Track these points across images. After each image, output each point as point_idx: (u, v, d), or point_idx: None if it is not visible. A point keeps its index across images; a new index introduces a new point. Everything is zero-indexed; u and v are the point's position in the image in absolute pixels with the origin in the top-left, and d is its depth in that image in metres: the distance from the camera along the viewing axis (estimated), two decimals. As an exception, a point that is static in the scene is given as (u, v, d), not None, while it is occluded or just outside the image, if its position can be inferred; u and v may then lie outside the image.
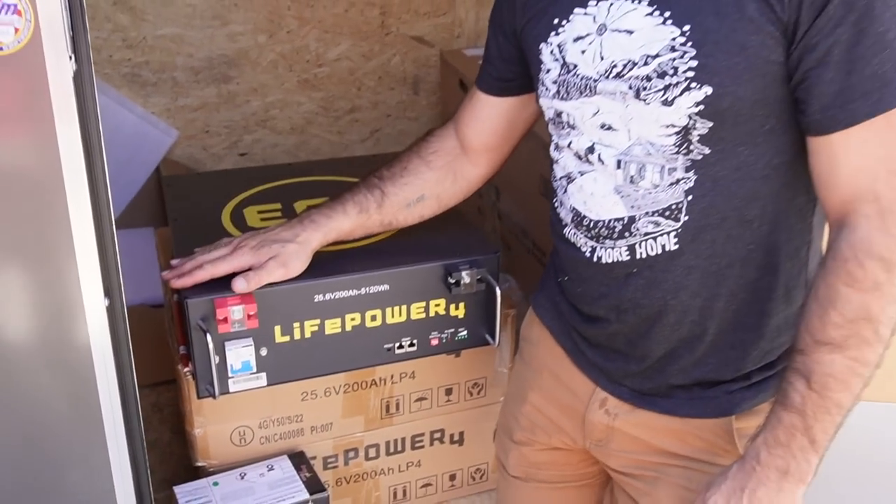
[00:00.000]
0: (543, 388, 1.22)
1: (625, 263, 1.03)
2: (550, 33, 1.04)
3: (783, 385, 0.96)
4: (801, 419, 0.94)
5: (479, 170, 1.27)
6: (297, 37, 2.66)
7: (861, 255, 0.90)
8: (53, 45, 0.87)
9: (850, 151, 0.90)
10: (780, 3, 0.87)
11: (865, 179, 0.90)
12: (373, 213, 1.23)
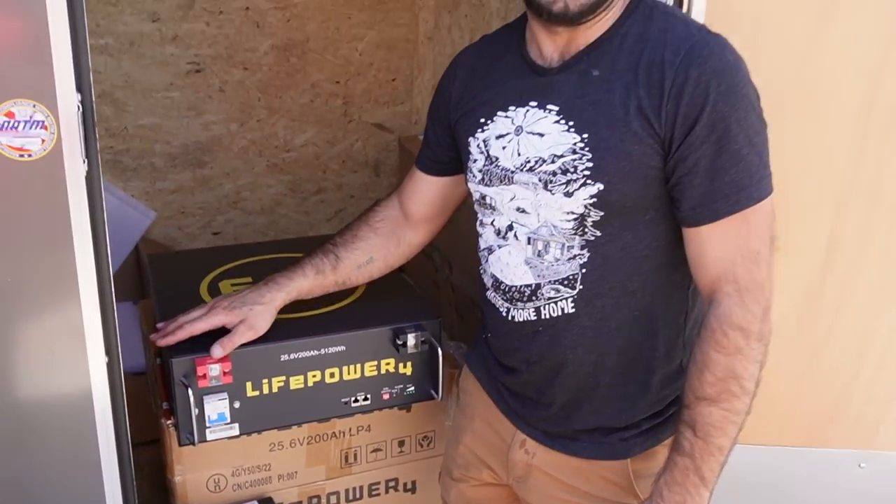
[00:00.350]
0: (475, 431, 1.43)
1: (532, 322, 1.26)
2: (477, 130, 1.29)
3: (676, 434, 1.19)
4: (692, 461, 1.16)
5: (419, 236, 1.50)
6: (266, 125, 2.93)
7: (725, 326, 1.14)
8: (71, 152, 1.11)
9: (714, 241, 1.15)
10: (659, 122, 1.12)
11: (726, 264, 1.14)
12: (328, 274, 1.45)
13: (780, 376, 1.56)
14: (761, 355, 1.15)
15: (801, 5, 1.34)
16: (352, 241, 1.47)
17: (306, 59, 2.91)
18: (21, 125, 1.07)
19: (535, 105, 1.21)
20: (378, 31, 2.98)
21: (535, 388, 1.31)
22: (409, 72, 3.09)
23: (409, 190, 1.47)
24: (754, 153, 1.12)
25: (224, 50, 2.79)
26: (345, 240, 1.47)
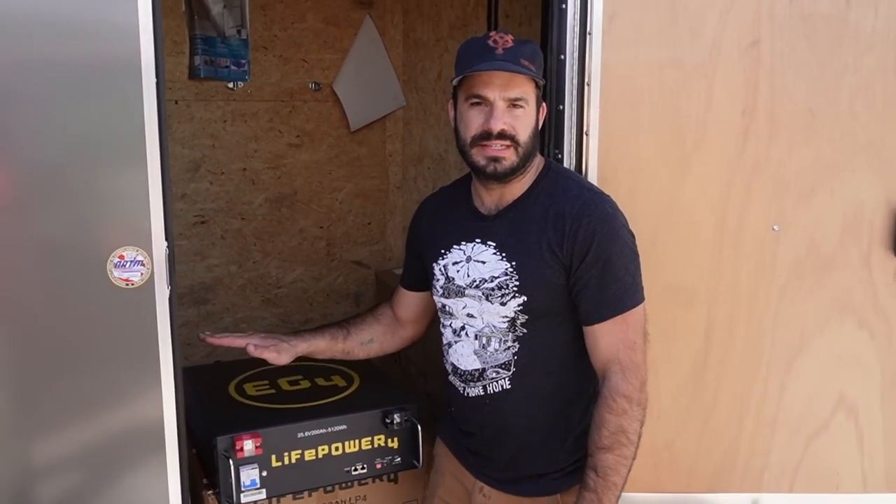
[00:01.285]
0: (446, 484, 1.91)
1: (481, 397, 1.76)
2: (439, 258, 1.83)
3: (583, 476, 1.67)
4: (595, 495, 1.65)
5: (408, 333, 2.02)
6: (261, 266, 3.48)
7: (614, 395, 1.65)
8: (160, 280, 1.63)
9: (603, 335, 1.68)
10: (562, 253, 1.66)
11: (613, 351, 1.67)
12: (339, 342, 1.96)
13: (683, 436, 2.08)
14: (641, 415, 1.66)
15: (663, 162, 1.94)
16: (360, 324, 1.99)
17: (294, 209, 3.50)
18: (128, 264, 1.60)
19: (479, 241, 1.76)
20: (355, 183, 3.60)
21: (487, 446, 1.80)
22: (382, 216, 3.69)
23: (397, 302, 2.01)
24: (628, 275, 1.67)
25: (225, 204, 3.37)
26: (355, 321, 2.00)
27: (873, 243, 2.00)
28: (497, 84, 1.63)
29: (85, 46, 1.52)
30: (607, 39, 1.90)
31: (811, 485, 2.10)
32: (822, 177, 1.97)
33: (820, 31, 1.91)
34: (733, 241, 1.99)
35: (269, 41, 3.33)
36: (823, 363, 2.05)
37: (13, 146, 1.52)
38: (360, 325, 2.00)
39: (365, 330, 2.00)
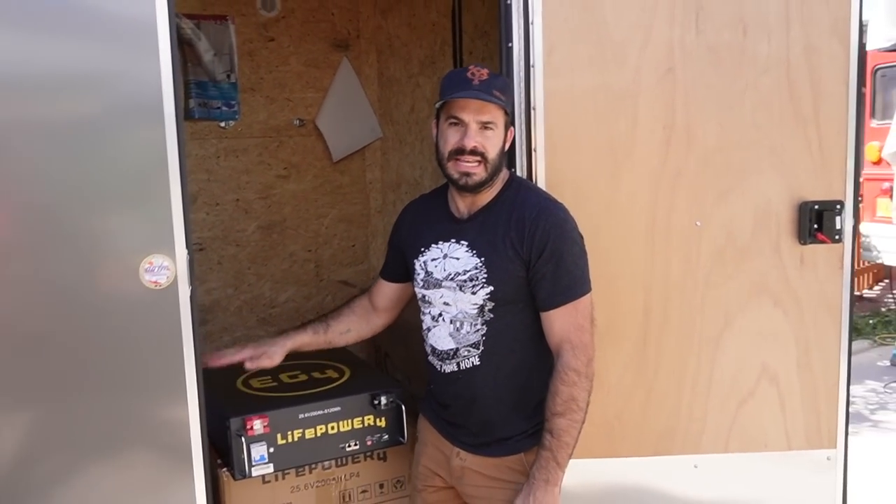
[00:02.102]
0: (428, 453, 2.27)
1: (455, 372, 2.13)
2: (419, 255, 2.19)
3: (541, 437, 2.04)
4: (551, 453, 2.02)
5: (380, 321, 2.38)
6: (255, 288, 3.85)
7: (566, 369, 2.03)
8: (182, 281, 2.01)
9: (556, 320, 2.05)
10: (522, 251, 2.03)
11: (565, 333, 2.04)
12: (321, 335, 2.32)
13: (630, 408, 2.45)
14: (589, 386, 2.04)
15: (600, 172, 2.32)
16: (338, 316, 2.36)
17: (285, 235, 3.88)
18: (156, 269, 1.98)
19: (454, 241, 2.13)
20: (339, 209, 3.99)
21: (461, 416, 2.17)
22: (364, 239, 4.08)
23: (375, 291, 2.38)
24: (578, 269, 2.06)
25: (221, 232, 3.75)
26: (333, 315, 2.36)
27: (781, 234, 2.40)
28: (471, 109, 2.02)
29: (121, 91, 1.92)
30: (547, 70, 2.30)
31: (743, 445, 2.48)
32: (734, 179, 2.37)
33: (723, 57, 2.33)
34: (663, 236, 2.38)
35: (256, 83, 3.73)
36: (746, 338, 2.43)
37: (67, 177, 1.90)
38: (337, 318, 2.36)
39: (342, 321, 2.35)
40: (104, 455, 2.03)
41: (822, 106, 2.37)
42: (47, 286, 1.93)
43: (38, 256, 1.91)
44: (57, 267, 1.92)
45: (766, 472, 2.49)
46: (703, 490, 2.49)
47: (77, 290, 1.94)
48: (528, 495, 2.01)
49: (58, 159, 1.90)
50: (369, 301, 2.39)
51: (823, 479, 2.51)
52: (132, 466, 2.05)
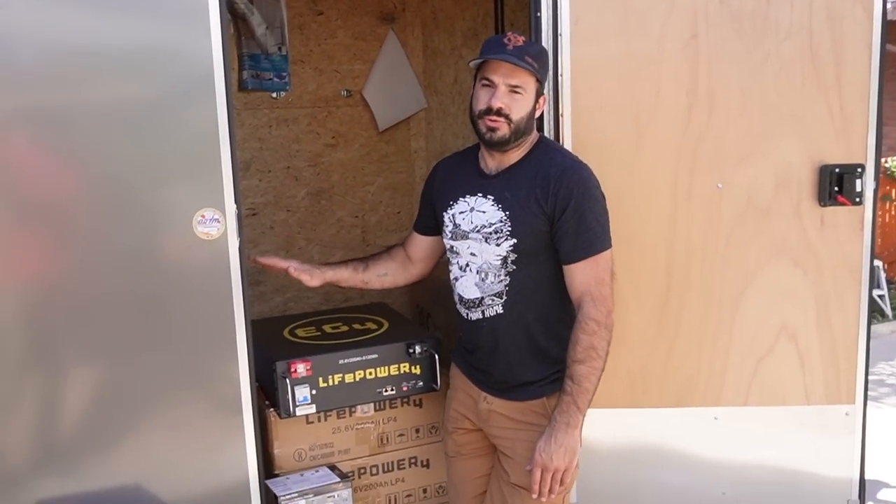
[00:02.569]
0: (458, 398, 2.44)
1: (480, 320, 2.30)
2: (448, 208, 2.35)
3: (562, 383, 2.20)
4: (571, 398, 2.17)
5: (416, 270, 2.55)
6: (305, 251, 4.06)
7: (586, 319, 2.17)
8: (232, 234, 2.21)
9: (578, 273, 2.20)
10: (546, 206, 2.19)
11: (585, 285, 2.19)
12: (359, 273, 2.50)
13: (652, 362, 2.59)
14: (608, 336, 2.17)
15: (624, 136, 2.46)
16: (377, 259, 2.54)
17: (333, 201, 4.08)
18: (208, 221, 2.18)
19: (481, 195, 2.29)
20: (384, 177, 4.18)
21: (486, 361, 2.33)
22: (409, 206, 4.25)
23: (408, 243, 2.55)
24: (599, 225, 2.20)
25: (272, 198, 3.96)
26: (373, 257, 2.54)
27: (802, 196, 2.51)
28: (502, 72, 2.16)
29: (177, 66, 2.13)
30: (574, 39, 2.44)
31: (762, 399, 2.60)
32: (755, 143, 2.49)
33: (746, 25, 2.44)
34: (685, 198, 2.51)
35: (306, 55, 3.93)
36: (766, 297, 2.56)
37: (130, 145, 2.12)
38: (377, 260, 2.54)
39: (381, 264, 2.53)
40: (163, 398, 2.25)
41: (845, 72, 2.47)
42: (110, 246, 2.14)
43: (102, 218, 2.13)
44: (120, 226, 2.14)
45: (784, 425, 2.62)
46: (723, 441, 2.63)
47: (138, 247, 2.16)
48: (550, 437, 2.16)
49: (121, 129, 2.11)
50: (404, 251, 2.56)
51: (842, 433, 2.63)
52: (189, 407, 2.28)
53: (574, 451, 2.15)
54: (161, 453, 2.25)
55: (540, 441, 2.17)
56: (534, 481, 2.16)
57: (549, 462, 2.13)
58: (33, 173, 2.06)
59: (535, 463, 2.15)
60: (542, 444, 2.16)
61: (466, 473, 2.46)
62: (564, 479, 2.15)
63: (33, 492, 2.16)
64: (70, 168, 2.10)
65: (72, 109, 2.07)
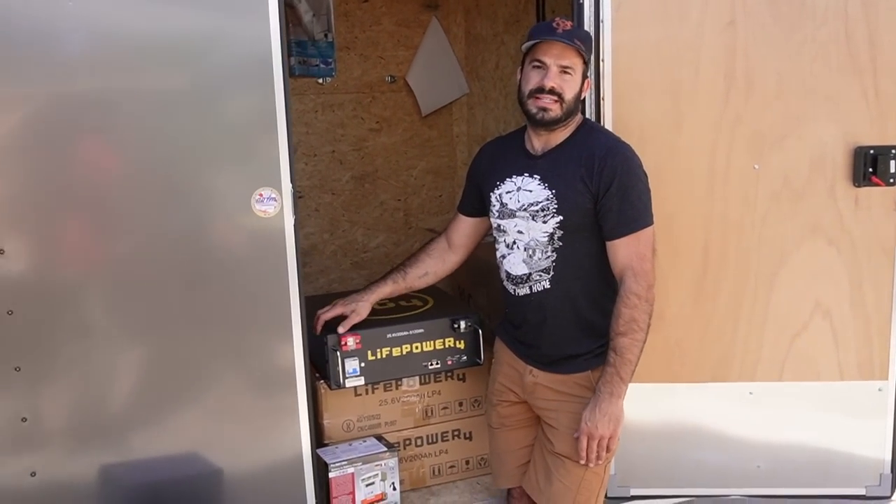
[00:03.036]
0: (503, 372, 2.56)
1: (527, 296, 2.41)
2: (495, 188, 2.46)
3: (606, 355, 2.31)
4: (615, 369, 2.28)
5: (456, 257, 2.66)
6: (349, 233, 4.21)
7: (628, 293, 2.28)
8: (288, 212, 2.35)
9: (620, 249, 2.31)
10: (591, 185, 2.29)
11: (628, 260, 2.30)
12: (400, 283, 2.62)
13: (689, 337, 2.69)
14: (649, 310, 2.27)
15: (663, 118, 2.56)
16: (414, 262, 2.65)
17: (376, 185, 4.22)
18: (265, 200, 2.33)
19: (527, 175, 2.39)
20: (427, 161, 4.30)
21: (532, 335, 2.45)
22: (451, 189, 4.38)
23: (452, 227, 2.67)
24: (641, 203, 2.30)
25: (318, 181, 4.11)
26: (410, 262, 2.66)
27: (836, 177, 2.59)
28: (553, 53, 2.27)
29: (238, 49, 2.27)
30: (615, 24, 2.54)
31: (797, 374, 2.69)
32: (790, 125, 2.57)
33: (783, 11, 2.52)
34: (722, 178, 2.60)
35: (351, 42, 4.06)
36: (801, 275, 2.64)
37: (197, 126, 2.26)
38: (414, 264, 2.65)
39: (419, 266, 2.64)
40: (222, 371, 2.40)
41: (879, 56, 2.54)
42: (175, 225, 2.29)
43: (167, 198, 2.27)
44: (184, 206, 2.29)
45: (818, 400, 2.71)
46: (758, 415, 2.73)
47: (201, 226, 2.31)
48: (595, 406, 2.27)
49: (186, 113, 2.26)
50: (445, 239, 2.67)
51: (875, 409, 2.71)
52: (246, 379, 2.42)
53: (618, 420, 2.26)
54: (221, 422, 2.41)
55: (586, 411, 2.28)
56: (580, 448, 2.28)
57: (594, 430, 2.24)
58: (103, 158, 2.22)
59: (582, 431, 2.26)
60: (588, 413, 2.27)
61: (510, 444, 2.58)
62: (610, 446, 2.27)
63: (98, 456, 2.32)
64: (138, 151, 2.24)
65: (141, 96, 2.22)
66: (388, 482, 2.69)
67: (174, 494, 2.41)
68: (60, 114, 2.16)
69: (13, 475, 2.24)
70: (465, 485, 2.93)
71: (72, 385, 2.27)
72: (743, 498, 2.79)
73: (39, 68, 2.12)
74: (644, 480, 2.79)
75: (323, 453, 2.65)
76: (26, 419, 2.22)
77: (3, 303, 2.16)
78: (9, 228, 2.16)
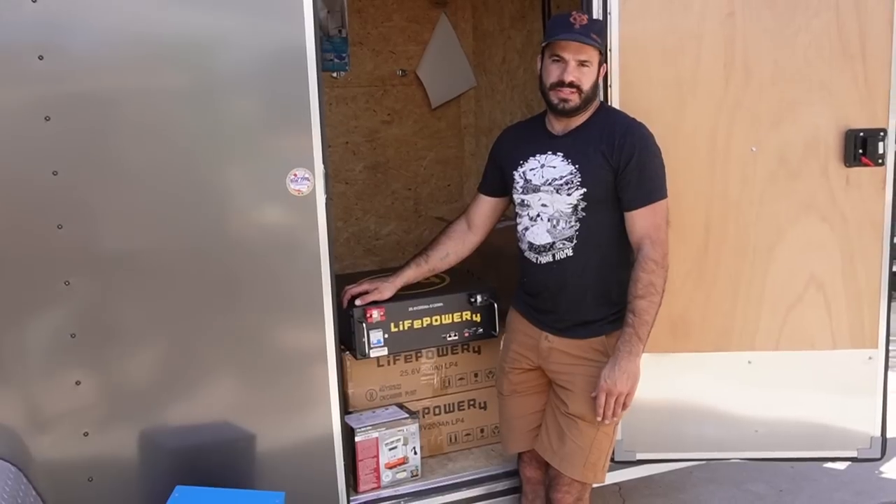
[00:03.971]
0: (517, 340, 2.74)
1: (550, 264, 2.58)
2: (518, 167, 2.62)
3: (625, 317, 2.49)
4: (633, 329, 2.47)
5: (475, 238, 2.84)
6: (362, 221, 4.38)
7: (645, 259, 2.47)
8: (320, 191, 2.53)
9: (638, 219, 2.50)
10: (611, 160, 2.47)
11: (645, 230, 2.49)
12: (423, 266, 2.81)
13: (692, 309, 2.88)
14: (664, 275, 2.47)
15: (667, 104, 2.74)
16: (435, 246, 2.84)
17: (388, 174, 4.40)
18: (299, 180, 2.50)
19: (550, 153, 2.56)
20: (436, 152, 4.48)
21: (550, 302, 2.62)
22: (459, 179, 4.56)
23: (473, 207, 2.84)
24: (657, 177, 2.50)
25: (332, 171, 4.21)
26: (432, 245, 2.85)
27: (829, 158, 2.78)
28: (571, 49, 2.45)
29: (276, 45, 2.45)
30: (623, 16, 2.72)
31: (792, 344, 2.88)
32: (786, 110, 2.76)
33: (779, 2, 2.71)
34: (722, 159, 2.79)
35: (364, 37, 4.24)
36: (796, 250, 2.83)
37: (236, 109, 2.45)
38: (435, 247, 2.83)
39: (440, 249, 2.83)
40: (261, 340, 2.57)
41: (868, 44, 2.73)
42: (217, 205, 2.47)
43: (210, 177, 2.45)
44: (226, 185, 2.47)
45: (813, 368, 2.89)
46: (756, 382, 2.91)
47: (240, 203, 2.49)
48: (614, 365, 2.45)
49: (231, 99, 2.44)
50: (465, 220, 2.84)
51: (866, 375, 2.90)
52: (280, 351, 2.59)
53: (635, 377, 2.45)
54: (256, 391, 2.58)
55: (605, 369, 2.47)
56: (598, 405, 2.46)
57: (613, 387, 2.43)
58: (160, 136, 2.39)
59: (601, 388, 2.45)
60: (607, 371, 2.45)
61: (521, 409, 2.75)
62: (627, 402, 2.46)
63: (140, 422, 2.49)
64: (186, 135, 2.42)
65: (196, 83, 2.41)
66: (410, 447, 2.87)
67: (219, 458, 2.57)
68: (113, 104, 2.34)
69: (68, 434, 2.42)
70: (479, 451, 3.11)
71: (122, 356, 2.44)
72: (742, 461, 2.98)
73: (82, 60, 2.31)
74: (649, 445, 2.98)
75: (349, 419, 2.83)
76: (80, 382, 2.40)
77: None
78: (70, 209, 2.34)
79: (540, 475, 2.76)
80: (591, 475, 2.58)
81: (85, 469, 2.44)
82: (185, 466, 2.52)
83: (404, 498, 2.82)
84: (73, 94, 2.29)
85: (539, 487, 2.78)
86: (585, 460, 2.57)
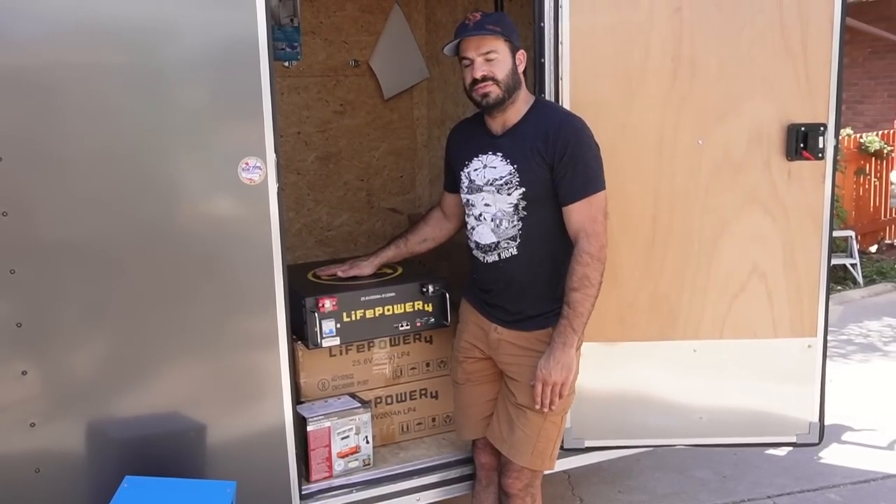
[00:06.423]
0: (469, 330, 2.77)
1: (495, 262, 2.62)
2: (464, 167, 2.67)
3: (561, 309, 2.53)
4: (568, 321, 2.51)
5: (451, 224, 2.88)
6: (314, 212, 4.37)
7: (581, 252, 2.51)
8: (271, 180, 2.52)
9: (574, 212, 2.54)
10: (546, 156, 2.51)
11: (581, 223, 2.53)
12: (402, 248, 2.89)
13: (639, 299, 2.94)
14: (600, 268, 2.51)
15: (616, 97, 2.79)
16: (415, 230, 2.91)
17: (340, 165, 4.39)
18: (251, 168, 2.49)
19: (491, 153, 2.61)
20: (388, 143, 4.49)
21: (498, 297, 2.66)
22: (411, 170, 4.57)
23: (442, 202, 2.88)
24: (592, 170, 2.53)
25: (284, 161, 4.21)
26: (411, 230, 2.92)
27: (771, 151, 2.86)
28: (472, 46, 2.50)
29: (227, 33, 2.43)
30: (573, 9, 2.76)
31: (736, 332, 2.96)
32: (731, 104, 2.83)
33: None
34: (669, 153, 2.85)
35: (316, 27, 4.22)
36: (739, 241, 2.91)
37: (186, 96, 2.42)
38: (414, 231, 2.93)
39: (419, 233, 2.92)
40: (209, 332, 2.55)
41: (810, 41, 2.81)
42: (168, 192, 2.44)
43: (160, 164, 2.42)
44: (176, 171, 2.45)
45: (755, 356, 2.97)
46: (701, 370, 2.99)
47: (191, 191, 2.47)
48: (549, 355, 2.50)
49: (182, 85, 2.42)
50: (440, 210, 2.91)
51: (805, 363, 2.99)
52: (231, 340, 2.57)
53: (570, 368, 2.49)
54: (208, 381, 2.56)
55: (541, 360, 2.51)
56: (535, 394, 2.50)
57: (548, 377, 2.47)
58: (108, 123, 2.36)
59: (537, 378, 2.49)
60: (543, 362, 2.50)
61: (474, 398, 2.79)
62: (562, 392, 2.49)
63: (88, 412, 2.46)
64: (135, 122, 2.39)
65: (145, 69, 2.37)
66: (362, 436, 2.88)
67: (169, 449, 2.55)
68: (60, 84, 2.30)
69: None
70: (431, 440, 3.14)
71: (70, 346, 2.41)
72: (688, 448, 3.05)
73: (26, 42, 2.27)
74: (597, 433, 3.03)
75: (301, 409, 2.83)
76: (26, 372, 2.36)
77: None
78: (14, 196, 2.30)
79: (493, 461, 2.80)
80: (539, 462, 2.63)
81: (32, 460, 2.40)
82: (134, 457, 2.50)
83: (356, 487, 2.83)
84: (16, 80, 2.25)
85: (493, 473, 2.82)
86: (533, 448, 2.61)
